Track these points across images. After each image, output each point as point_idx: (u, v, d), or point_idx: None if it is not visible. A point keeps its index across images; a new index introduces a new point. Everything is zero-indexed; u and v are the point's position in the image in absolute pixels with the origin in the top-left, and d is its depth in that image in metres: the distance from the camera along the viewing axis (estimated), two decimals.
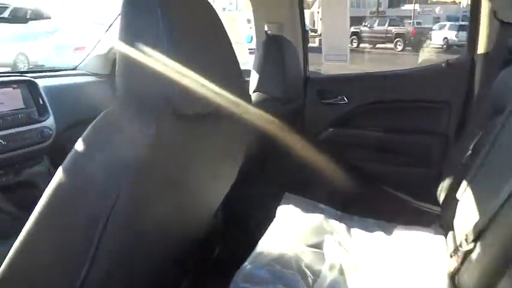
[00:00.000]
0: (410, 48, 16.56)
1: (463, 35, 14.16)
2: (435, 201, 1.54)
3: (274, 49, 1.77)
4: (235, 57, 0.96)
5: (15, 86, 1.67)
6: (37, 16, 2.03)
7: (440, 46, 15.96)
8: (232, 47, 0.96)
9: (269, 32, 1.90)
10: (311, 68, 2.16)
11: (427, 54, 14.17)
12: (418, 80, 2.01)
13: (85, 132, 0.79)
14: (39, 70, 2.17)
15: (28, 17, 2.00)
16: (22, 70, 2.18)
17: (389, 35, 17.62)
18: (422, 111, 1.96)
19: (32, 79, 1.73)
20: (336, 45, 1.87)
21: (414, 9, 20.11)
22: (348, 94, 2.03)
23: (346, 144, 2.06)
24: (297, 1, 1.88)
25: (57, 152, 1.79)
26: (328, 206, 1.43)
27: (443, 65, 1.92)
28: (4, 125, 1.57)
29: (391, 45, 17.48)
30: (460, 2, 20.80)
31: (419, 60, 11.95)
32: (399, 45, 17.25)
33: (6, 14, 1.94)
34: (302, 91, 2.02)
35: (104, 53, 2.19)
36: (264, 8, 1.90)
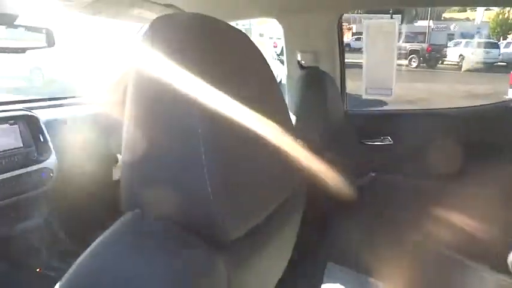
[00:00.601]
0: (424, 64, 16.30)
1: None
2: None
3: (309, 81, 1.54)
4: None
5: (13, 122, 1.46)
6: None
7: (456, 63, 15.69)
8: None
9: (302, 61, 1.67)
10: None
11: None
12: (478, 119, 1.71)
13: None
14: (42, 99, 1.95)
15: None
16: (23, 99, 1.99)
17: (404, 52, 17.39)
18: (488, 156, 1.56)
19: (32, 113, 1.52)
20: (379, 78, 1.62)
21: (428, 26, 19.93)
22: (394, 133, 1.74)
23: (391, 194, 1.71)
24: (335, 28, 1.64)
25: (57, 198, 1.57)
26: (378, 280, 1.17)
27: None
28: None
29: (405, 62, 17.23)
30: (474, 19, 20.61)
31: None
32: (414, 61, 16.99)
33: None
34: (341, 130, 1.70)
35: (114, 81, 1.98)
36: (297, 34, 1.67)
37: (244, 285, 0.57)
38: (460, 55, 16.07)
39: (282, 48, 1.83)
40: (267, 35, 10.74)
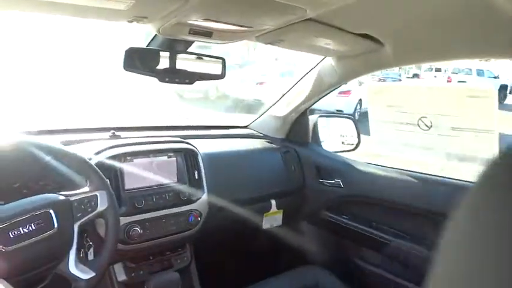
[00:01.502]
0: None
1: None
2: None
3: None
4: None
5: (172, 155, 1.33)
6: None
7: None
8: None
9: None
10: None
11: None
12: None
13: None
14: (209, 126, 1.86)
15: None
16: (190, 125, 1.95)
17: None
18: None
19: (192, 147, 1.38)
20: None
21: None
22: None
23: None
24: None
25: (201, 238, 1.39)
26: None
27: None
28: (146, 206, 1.22)
29: None
30: None
31: None
32: None
33: None
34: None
35: (282, 116, 1.75)
36: None
37: None
38: None
39: None
40: None
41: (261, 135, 1.85)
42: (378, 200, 1.57)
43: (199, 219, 1.34)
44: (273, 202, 1.65)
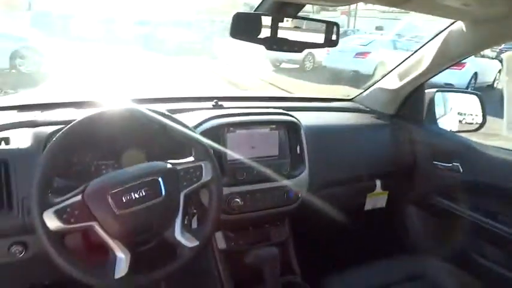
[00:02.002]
0: None
1: None
2: None
3: None
4: None
5: (274, 126, 1.28)
6: None
7: None
8: None
9: None
10: None
11: None
12: None
13: None
14: (312, 98, 1.77)
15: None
16: (286, 97, 1.89)
17: None
18: None
19: (295, 120, 1.31)
20: None
21: None
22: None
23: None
24: None
25: (300, 214, 1.34)
26: None
27: None
28: (248, 178, 1.20)
29: None
30: None
31: None
32: None
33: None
34: None
35: (394, 89, 1.58)
36: None
37: None
38: None
39: None
40: None
41: (368, 109, 1.70)
42: (505, 190, 1.35)
43: (299, 195, 1.29)
44: (378, 182, 1.53)
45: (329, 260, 1.46)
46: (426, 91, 1.58)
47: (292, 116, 1.32)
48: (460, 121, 1.91)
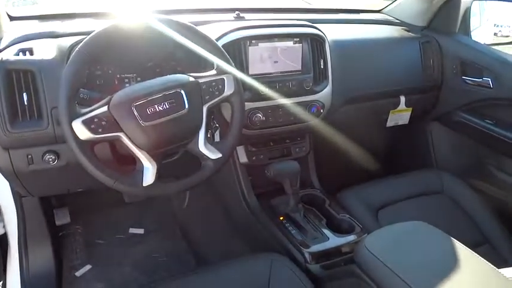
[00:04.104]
0: None
1: None
2: None
3: None
4: None
5: (298, 40, 1.23)
6: None
7: None
8: None
9: None
10: None
11: None
12: None
13: None
14: (337, 9, 1.67)
15: None
16: (310, 8, 1.77)
17: None
18: None
19: (320, 33, 1.26)
20: None
21: None
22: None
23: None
24: None
25: (321, 130, 1.35)
26: None
27: None
28: (269, 93, 1.19)
29: None
30: None
31: None
32: None
33: None
34: None
35: None
36: None
37: None
38: None
39: None
40: None
41: (398, 21, 1.61)
42: None
43: (321, 110, 1.28)
44: (402, 99, 1.49)
45: (348, 175, 1.50)
46: (462, 0, 1.47)
47: (317, 28, 1.26)
48: (495, 33, 1.80)
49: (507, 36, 1.80)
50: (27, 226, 1.29)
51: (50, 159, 1.01)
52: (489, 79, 1.38)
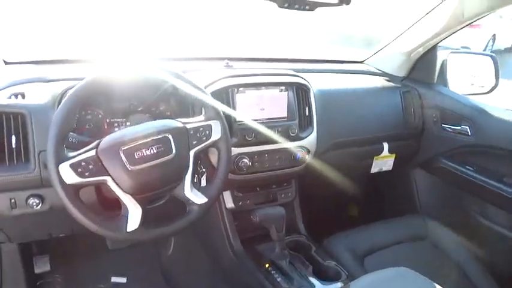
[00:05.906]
0: None
1: None
2: None
3: None
4: None
5: (284, 88, 1.28)
6: None
7: None
8: None
9: None
10: None
11: None
12: None
13: None
14: (322, 60, 1.75)
15: None
16: (302, 58, 1.85)
17: None
18: None
19: (305, 82, 1.31)
20: None
21: None
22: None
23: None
24: None
25: (307, 176, 1.36)
26: None
27: None
28: (256, 139, 1.22)
29: None
30: None
31: None
32: None
33: None
34: None
35: (407, 51, 1.56)
36: None
37: None
38: None
39: None
40: None
41: (379, 72, 1.69)
42: None
43: (307, 156, 1.31)
44: (386, 145, 1.54)
45: (334, 221, 1.50)
46: (439, 53, 1.56)
47: (302, 78, 1.31)
48: (472, 84, 1.88)
49: (483, 87, 1.88)
50: (3, 274, 1.25)
51: (34, 203, 1.00)
52: (467, 127, 1.44)
